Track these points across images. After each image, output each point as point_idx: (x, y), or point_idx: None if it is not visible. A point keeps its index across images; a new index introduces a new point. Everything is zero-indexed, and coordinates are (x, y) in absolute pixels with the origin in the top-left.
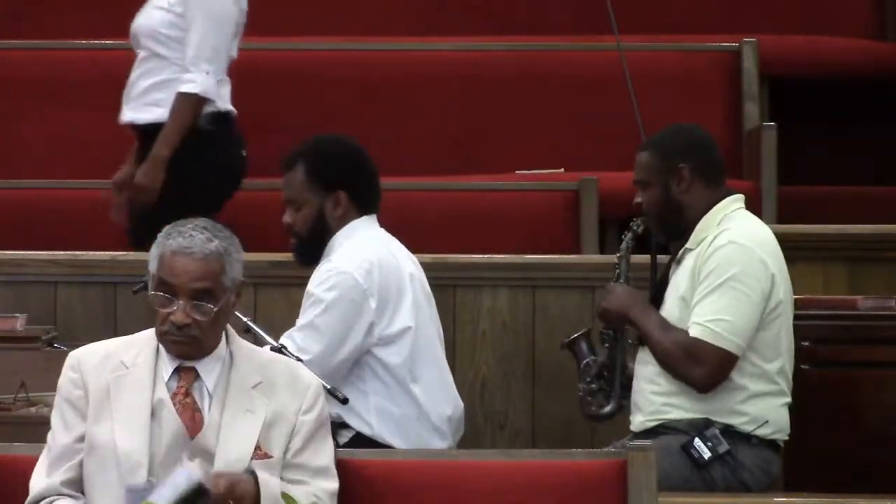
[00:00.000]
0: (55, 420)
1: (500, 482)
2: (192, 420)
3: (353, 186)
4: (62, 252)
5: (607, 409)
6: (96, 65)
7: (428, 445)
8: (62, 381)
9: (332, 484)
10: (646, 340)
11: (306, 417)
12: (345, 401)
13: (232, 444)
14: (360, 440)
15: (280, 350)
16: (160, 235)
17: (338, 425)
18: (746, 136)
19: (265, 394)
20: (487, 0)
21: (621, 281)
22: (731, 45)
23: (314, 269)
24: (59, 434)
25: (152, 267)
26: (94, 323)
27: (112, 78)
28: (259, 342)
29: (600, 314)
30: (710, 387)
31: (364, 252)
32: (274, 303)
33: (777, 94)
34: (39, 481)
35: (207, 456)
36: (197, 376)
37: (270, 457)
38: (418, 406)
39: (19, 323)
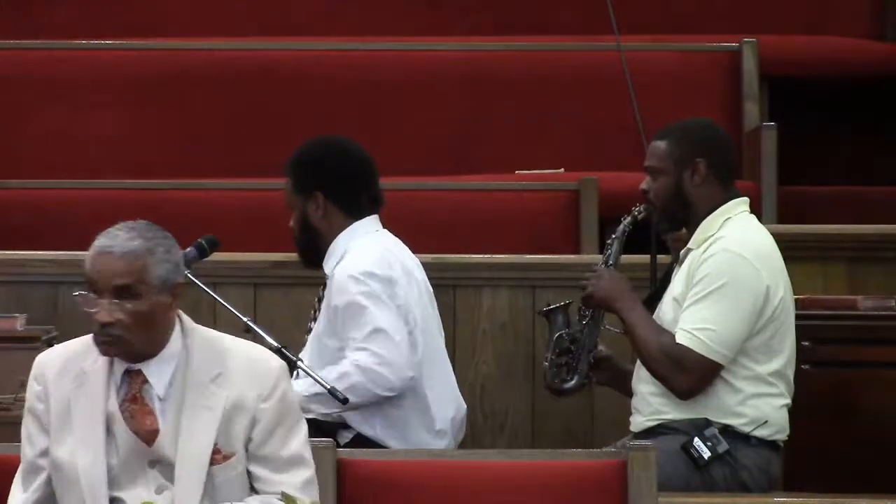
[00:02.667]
0: (22, 432)
1: (500, 482)
2: (145, 425)
3: (329, 188)
4: (62, 252)
5: (570, 384)
6: (96, 65)
7: (429, 447)
8: (27, 391)
9: (304, 473)
10: (630, 335)
11: (266, 405)
12: (345, 401)
13: (190, 450)
14: (361, 441)
15: (280, 351)
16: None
17: (338, 425)
18: (746, 136)
19: (223, 385)
20: (488, 0)
21: (610, 264)
22: (731, 45)
23: (319, 270)
24: (25, 448)
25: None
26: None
27: (112, 78)
28: (259, 342)
29: (584, 299)
30: (691, 394)
31: (374, 249)
32: (274, 303)
33: (777, 94)
34: (15, 497)
35: (167, 464)
36: (145, 380)
37: (231, 456)
38: (421, 408)
39: (19, 323)
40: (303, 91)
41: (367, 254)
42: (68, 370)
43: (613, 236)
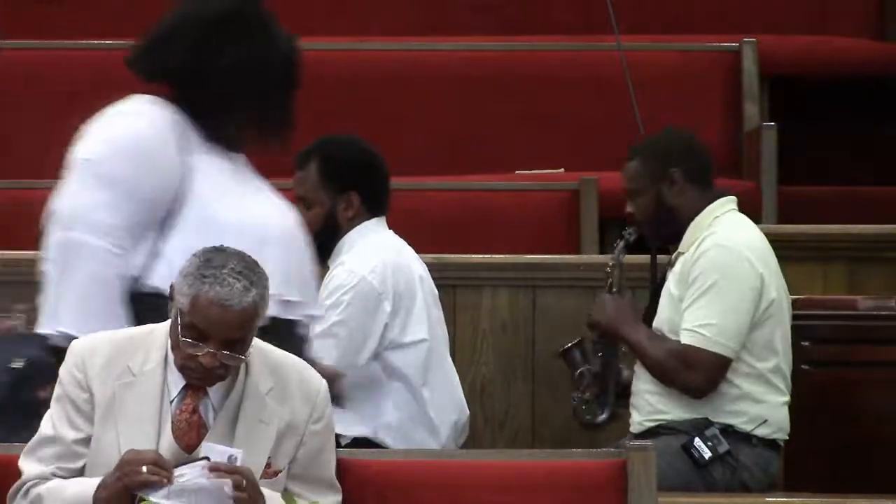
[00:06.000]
0: (57, 411)
1: (500, 482)
2: (193, 437)
3: (365, 188)
4: None
5: (601, 417)
6: (96, 65)
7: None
8: (65, 374)
9: (336, 496)
10: (638, 356)
11: (316, 427)
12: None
13: (246, 462)
14: (361, 442)
15: None
16: (191, 271)
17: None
18: (746, 136)
19: (278, 400)
20: (488, 0)
21: (614, 291)
22: (731, 45)
23: (321, 269)
24: (64, 430)
25: (182, 304)
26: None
27: (112, 78)
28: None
29: (590, 326)
30: (706, 392)
31: (376, 254)
32: None
33: (777, 94)
34: (31, 466)
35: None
36: (206, 393)
37: (279, 471)
38: (423, 411)
39: (19, 323)
40: (302, 91)
41: (370, 257)
42: (113, 365)
43: (611, 263)
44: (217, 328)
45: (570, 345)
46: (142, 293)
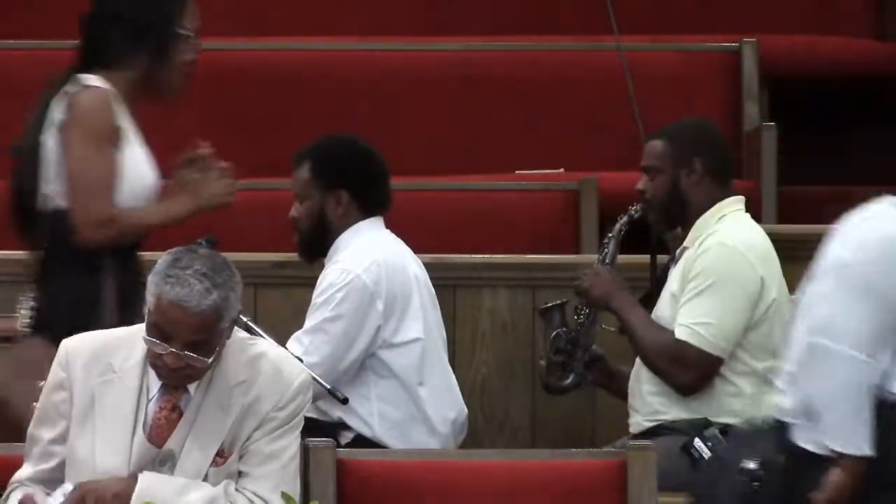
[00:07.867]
0: (39, 410)
1: (500, 482)
2: (171, 432)
3: (355, 187)
4: None
5: (567, 382)
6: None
7: (428, 448)
8: (50, 375)
9: (270, 465)
10: (629, 335)
11: (278, 413)
12: (345, 401)
13: (194, 451)
14: (361, 442)
15: None
16: (158, 270)
17: (339, 426)
18: (746, 136)
19: (245, 392)
20: (488, 0)
21: (607, 263)
22: (731, 45)
23: (317, 267)
24: (41, 430)
25: (149, 302)
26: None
27: None
28: None
29: (579, 293)
30: (695, 390)
31: (371, 253)
32: (274, 303)
33: (777, 94)
34: (24, 465)
35: (174, 461)
36: (185, 390)
37: (230, 455)
38: (420, 410)
39: (19, 323)
40: (303, 91)
41: (365, 256)
42: (96, 363)
43: (610, 235)
44: (177, 329)
45: (552, 304)
46: (884, 400)
